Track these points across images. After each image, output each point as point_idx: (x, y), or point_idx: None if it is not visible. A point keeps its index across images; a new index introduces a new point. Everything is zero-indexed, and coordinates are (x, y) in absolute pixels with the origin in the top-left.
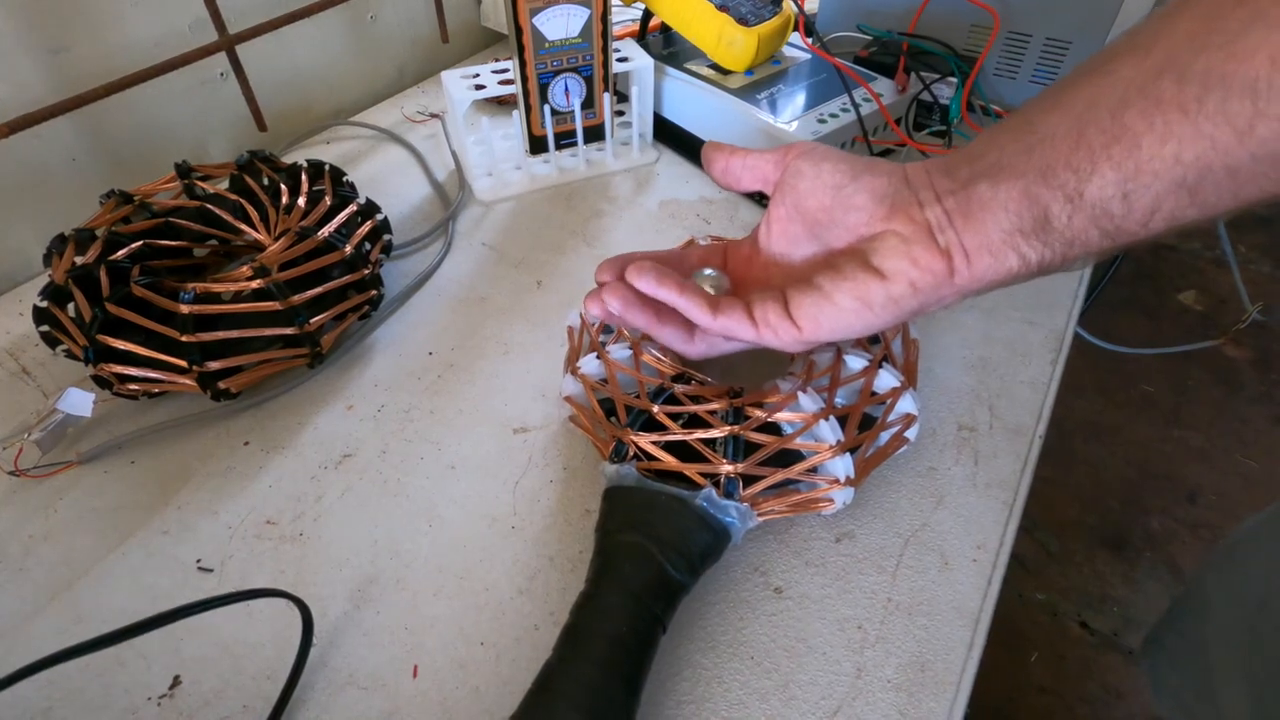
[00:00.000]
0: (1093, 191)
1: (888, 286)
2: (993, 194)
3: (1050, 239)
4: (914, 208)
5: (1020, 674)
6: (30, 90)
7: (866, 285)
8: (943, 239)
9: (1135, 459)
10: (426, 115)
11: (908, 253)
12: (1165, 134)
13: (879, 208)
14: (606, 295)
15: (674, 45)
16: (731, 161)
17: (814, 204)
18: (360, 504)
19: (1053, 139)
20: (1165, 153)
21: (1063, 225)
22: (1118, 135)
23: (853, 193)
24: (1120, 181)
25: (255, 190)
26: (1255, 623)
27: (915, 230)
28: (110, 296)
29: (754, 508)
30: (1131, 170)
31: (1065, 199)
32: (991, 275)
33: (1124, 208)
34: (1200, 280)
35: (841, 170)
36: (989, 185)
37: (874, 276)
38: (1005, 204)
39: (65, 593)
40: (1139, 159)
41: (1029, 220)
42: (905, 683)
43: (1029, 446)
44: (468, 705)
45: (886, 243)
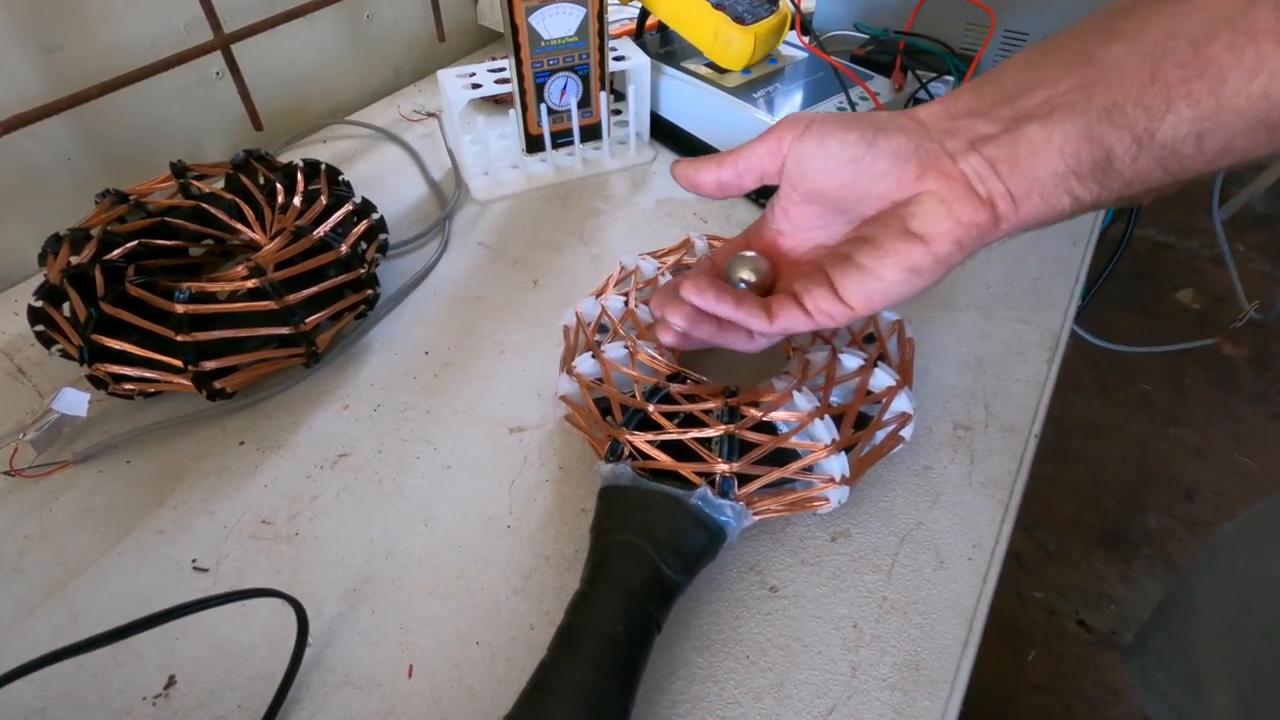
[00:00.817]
0: (1165, 132)
1: (933, 249)
2: (1046, 137)
3: (1109, 180)
4: (944, 160)
5: (1018, 672)
6: (25, 89)
7: (910, 254)
8: (983, 188)
9: (1133, 457)
10: (423, 114)
11: (948, 212)
12: (1256, 67)
13: (906, 170)
14: (670, 316)
15: (671, 44)
16: (722, 174)
17: (832, 184)
18: (356, 504)
19: (1120, 73)
20: (1253, 88)
21: (1125, 166)
22: (1201, 70)
23: (872, 161)
24: (1197, 120)
25: (251, 189)
26: (1238, 621)
27: (951, 186)
28: (105, 296)
29: (749, 507)
30: (1211, 108)
31: (1133, 139)
32: (1041, 217)
33: (1196, 148)
34: (1198, 279)
35: (851, 141)
36: (1041, 128)
37: (916, 243)
38: (1061, 147)
39: (60, 592)
40: (1222, 96)
41: (1088, 162)
42: (900, 682)
43: (1024, 445)
44: (463, 705)
45: (924, 205)
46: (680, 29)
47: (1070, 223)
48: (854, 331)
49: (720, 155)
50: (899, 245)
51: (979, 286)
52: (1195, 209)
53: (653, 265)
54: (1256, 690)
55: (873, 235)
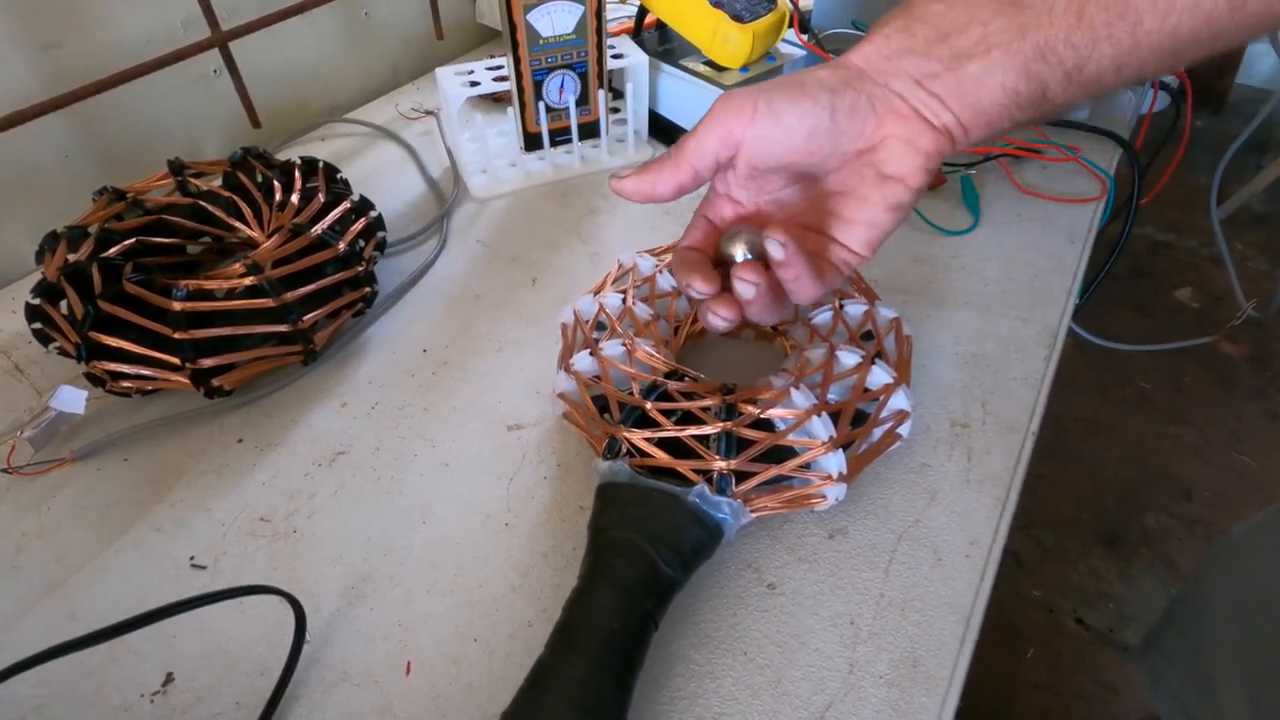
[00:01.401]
0: (1091, 67)
1: (909, 184)
2: (986, 74)
3: (1044, 107)
4: (897, 101)
5: (1016, 670)
6: (22, 87)
7: (894, 194)
8: (938, 120)
9: (1131, 456)
10: (421, 112)
11: (914, 149)
12: (1168, 10)
13: (867, 122)
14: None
15: (669, 42)
16: (680, 178)
17: (797, 155)
18: (354, 501)
19: (1050, 15)
20: (1165, 27)
21: (1057, 95)
22: (1122, 13)
23: (833, 124)
24: (1117, 56)
25: (248, 187)
26: (1254, 623)
27: (910, 125)
28: (103, 294)
29: (746, 504)
30: (1130, 45)
31: (1064, 74)
32: (987, 137)
33: (1115, 77)
34: (1197, 277)
35: (808, 109)
36: (981, 66)
37: (895, 184)
38: (1002, 82)
39: (58, 590)
40: (1139, 34)
41: (1026, 95)
42: (897, 678)
43: (1022, 443)
44: (461, 701)
45: (890, 149)
46: (678, 27)
47: (1068, 221)
48: (851, 329)
49: (670, 158)
50: (880, 191)
51: (977, 284)
52: (1194, 208)
53: (651, 263)
54: (1270, 692)
55: (852, 187)
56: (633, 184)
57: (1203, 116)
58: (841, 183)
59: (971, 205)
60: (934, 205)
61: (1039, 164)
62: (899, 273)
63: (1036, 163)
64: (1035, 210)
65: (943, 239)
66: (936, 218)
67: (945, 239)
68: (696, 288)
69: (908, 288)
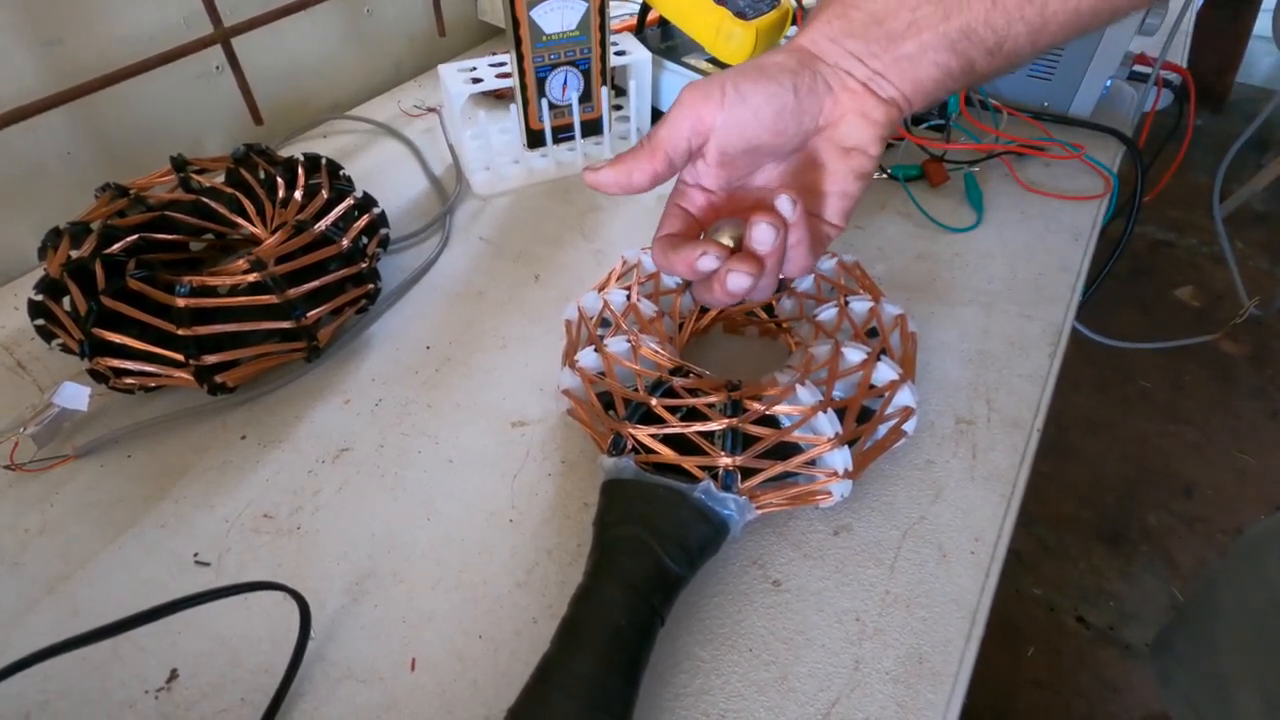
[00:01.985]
0: (1009, 44)
1: (869, 153)
2: (920, 53)
3: (974, 79)
4: (849, 79)
5: (1017, 668)
6: (23, 83)
7: (859, 164)
8: (885, 94)
9: (1132, 454)
10: (423, 109)
11: (869, 122)
12: None
13: (826, 100)
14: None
15: (672, 39)
16: (656, 167)
17: (767, 135)
18: (358, 498)
19: (968, 2)
20: (1068, 6)
21: (982, 68)
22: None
23: (797, 103)
24: (1030, 32)
25: (251, 184)
26: (1268, 624)
27: (862, 100)
28: (106, 290)
29: (752, 500)
30: (1039, 24)
31: (987, 52)
32: (927, 105)
33: (1032, 50)
34: (1197, 276)
35: (774, 92)
36: (914, 46)
37: (857, 155)
38: (934, 60)
39: (61, 586)
40: (1046, 14)
41: (955, 69)
42: (903, 675)
43: (1027, 440)
44: (466, 698)
45: (849, 124)
46: (682, 24)
47: (1072, 218)
48: (856, 325)
49: (644, 147)
50: (846, 163)
51: (981, 281)
52: (1194, 207)
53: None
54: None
55: (820, 164)
56: (610, 175)
57: (1203, 115)
58: (807, 161)
59: (975, 202)
60: (937, 202)
61: (1042, 161)
62: (902, 269)
63: (1039, 160)
64: (1038, 207)
65: (946, 236)
66: (940, 215)
67: (949, 236)
68: (714, 253)
69: (911, 284)
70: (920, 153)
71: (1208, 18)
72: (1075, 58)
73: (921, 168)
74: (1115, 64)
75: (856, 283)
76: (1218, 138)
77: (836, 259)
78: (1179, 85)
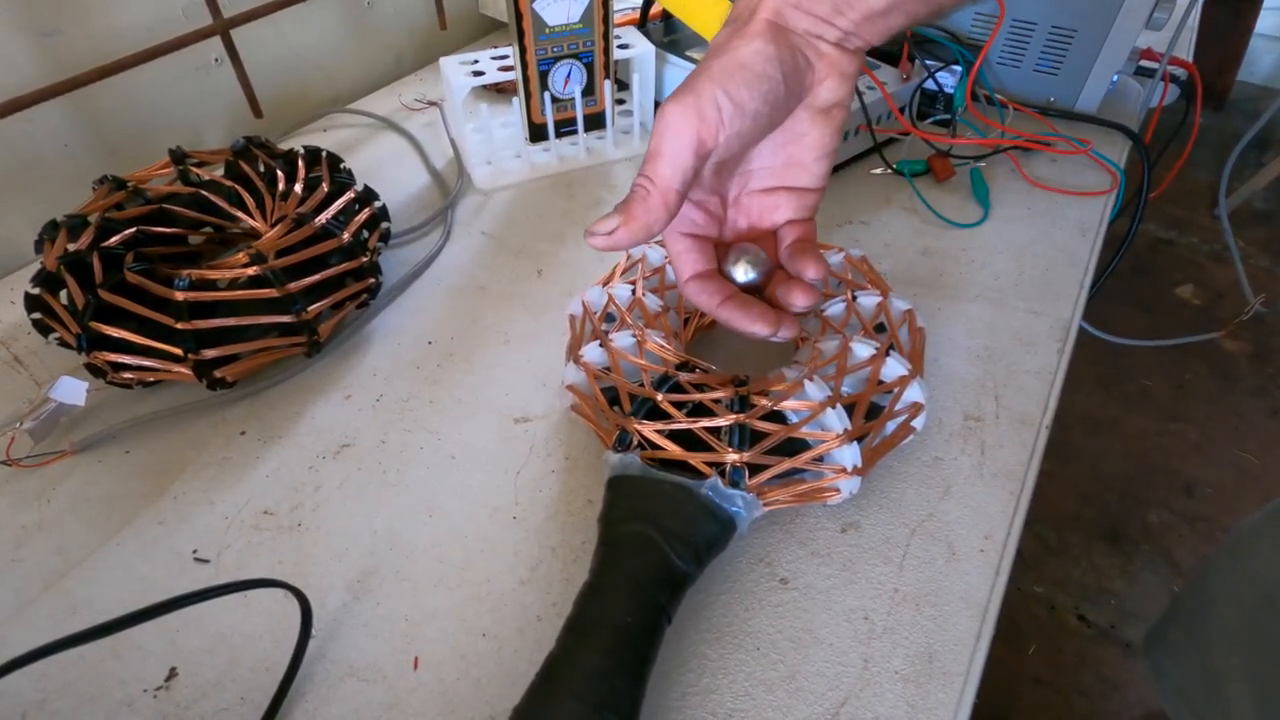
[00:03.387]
0: None
1: (845, 104)
2: (890, 8)
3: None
4: (822, 44)
5: (1018, 666)
6: (20, 74)
7: (838, 118)
8: (853, 45)
9: (1133, 452)
10: (424, 103)
11: (843, 76)
12: None
13: (806, 76)
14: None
15: (675, 32)
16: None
17: (759, 133)
18: (359, 494)
19: None
20: None
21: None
22: None
23: (785, 89)
24: None
25: (251, 177)
26: (1259, 617)
27: (835, 61)
28: (104, 283)
29: (760, 497)
30: None
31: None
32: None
33: None
34: (1198, 274)
35: (765, 90)
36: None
37: (835, 110)
38: (904, 10)
39: (59, 583)
40: None
41: (922, 15)
42: (913, 674)
43: (1035, 437)
44: (470, 697)
45: (827, 87)
46: (685, 17)
47: (1078, 214)
48: (864, 321)
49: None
50: (826, 124)
51: (988, 277)
52: (1195, 205)
53: (660, 254)
54: (1276, 687)
55: (801, 131)
56: (625, 236)
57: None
58: (788, 134)
59: (981, 198)
60: (943, 198)
61: (1048, 157)
62: (908, 265)
63: (1046, 155)
64: (1045, 203)
65: (953, 231)
66: (946, 210)
67: (955, 231)
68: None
69: (918, 280)
70: (926, 148)
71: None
72: (1082, 53)
73: (927, 163)
74: (1122, 59)
75: (864, 277)
76: (1218, 136)
77: (844, 253)
78: (1185, 81)
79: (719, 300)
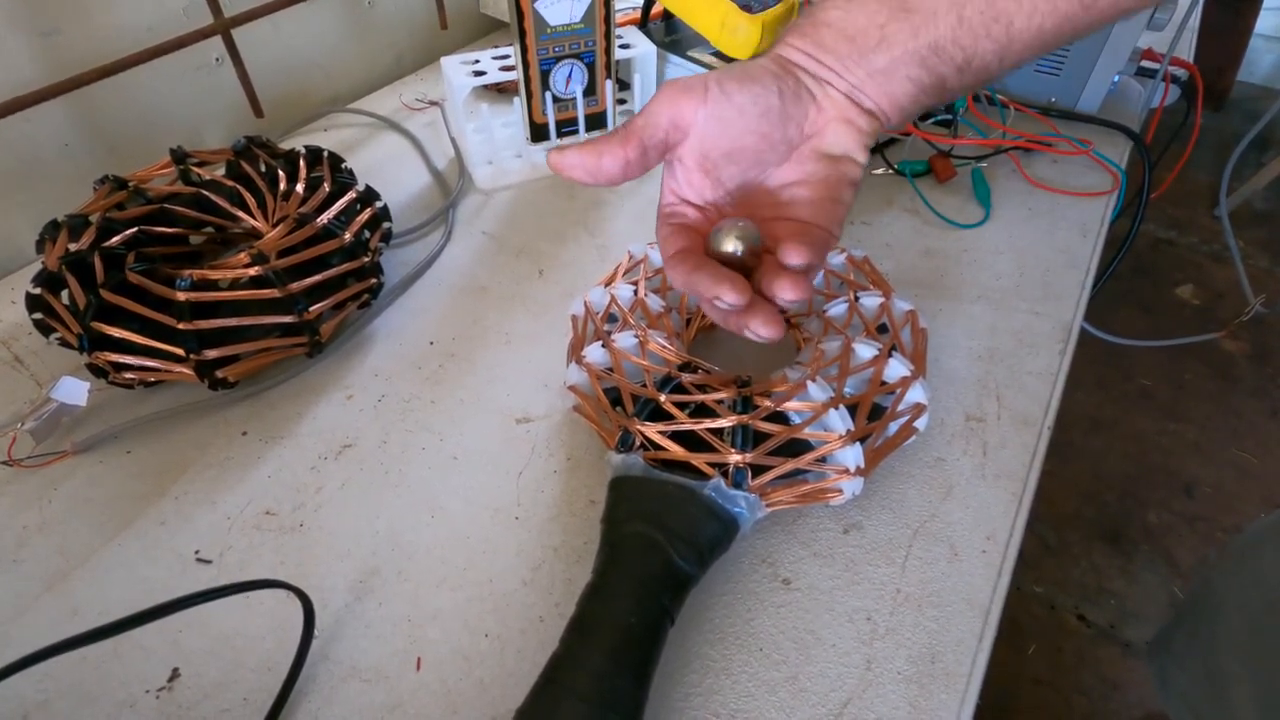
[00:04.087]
0: (977, 62)
1: (858, 159)
2: (892, 68)
3: (947, 94)
4: (830, 89)
5: (1018, 666)
6: (20, 73)
7: (850, 171)
8: (865, 103)
9: (1133, 452)
10: (425, 102)
11: (853, 128)
12: (1032, 12)
13: (810, 108)
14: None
15: (676, 32)
16: (629, 152)
17: (750, 139)
18: (361, 495)
19: (934, 19)
20: (1031, 26)
21: (954, 84)
22: (995, 16)
23: (783, 106)
24: (997, 51)
25: (253, 176)
26: (1265, 624)
27: (845, 108)
28: (105, 283)
29: (762, 498)
30: (1005, 42)
31: (956, 69)
32: (904, 119)
33: (1000, 67)
34: (1198, 274)
35: (759, 92)
36: (886, 61)
37: (846, 162)
38: (907, 75)
39: (61, 584)
40: (1011, 33)
41: (928, 84)
42: (916, 675)
43: (1037, 437)
44: (473, 698)
45: (835, 132)
46: (687, 17)
47: (1079, 215)
48: (867, 321)
49: (618, 133)
50: (837, 170)
51: (989, 278)
52: (1196, 205)
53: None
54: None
55: (807, 174)
56: (576, 157)
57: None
58: (795, 172)
59: (983, 199)
60: (945, 198)
61: (1050, 157)
62: (910, 266)
63: (1047, 156)
64: (1046, 204)
65: (954, 232)
66: (947, 211)
67: (957, 232)
68: (727, 299)
69: (920, 281)
70: (927, 148)
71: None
72: (1084, 53)
73: (929, 163)
74: (1123, 60)
75: (866, 278)
76: (1218, 136)
77: (846, 254)
78: (1186, 81)
79: (689, 267)
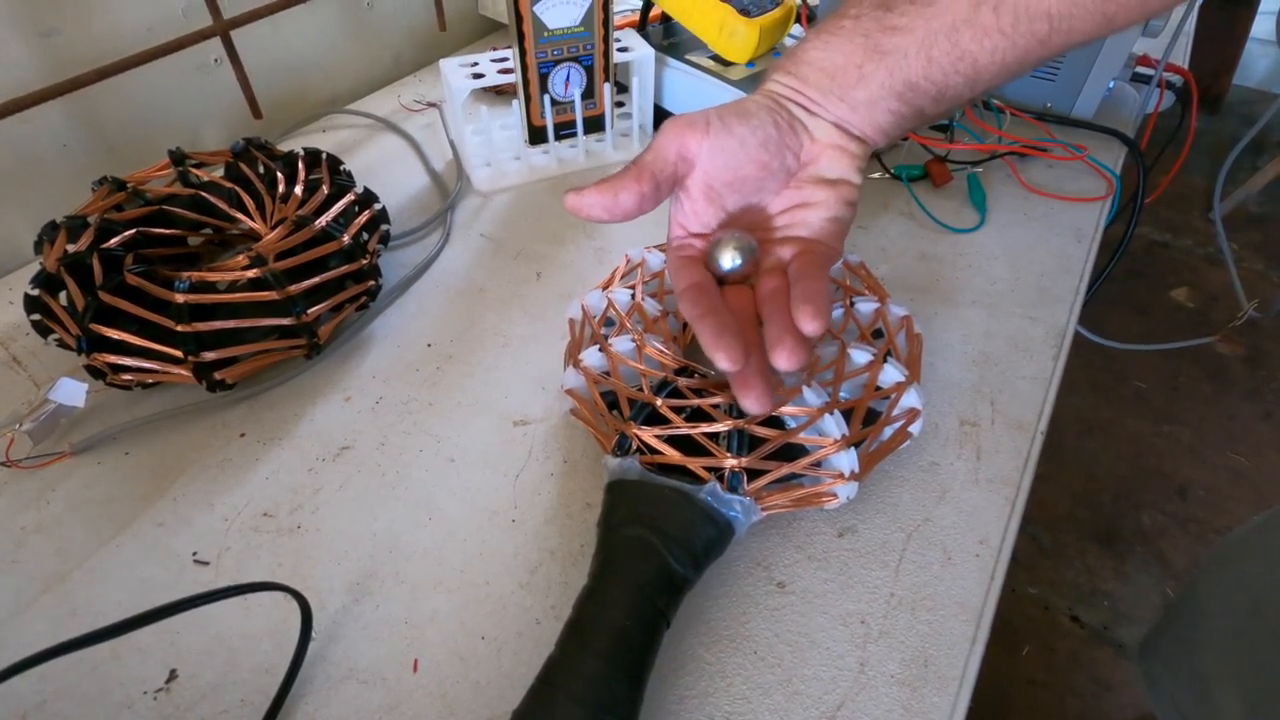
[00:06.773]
0: (950, 93)
1: (853, 182)
2: (873, 101)
3: (926, 120)
4: (819, 121)
5: (1012, 667)
6: (20, 74)
7: (846, 193)
8: (854, 130)
9: (1127, 455)
10: (424, 104)
11: (846, 153)
12: (994, 49)
13: (802, 138)
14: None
15: (675, 36)
16: (643, 188)
17: (753, 168)
18: (358, 496)
19: (905, 59)
20: (995, 60)
21: (931, 112)
22: (960, 55)
23: (780, 137)
24: (967, 82)
25: (251, 178)
26: (1248, 627)
27: (836, 136)
28: (103, 285)
29: (758, 502)
30: (973, 75)
31: (932, 100)
32: (889, 144)
33: (973, 94)
34: (1193, 277)
35: (756, 125)
36: (866, 95)
37: (842, 185)
38: (887, 108)
39: (58, 586)
40: (978, 68)
41: (908, 115)
42: (909, 678)
43: (1030, 442)
44: (469, 699)
45: (829, 158)
46: (685, 21)
47: (1074, 220)
48: (862, 326)
49: (630, 170)
50: (834, 193)
51: (984, 282)
52: (1190, 208)
53: (659, 259)
54: (1266, 696)
55: (805, 198)
56: (594, 196)
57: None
58: (795, 196)
59: (978, 203)
60: (940, 203)
61: (1045, 162)
62: (905, 270)
63: (1042, 161)
64: (1041, 208)
65: (949, 237)
66: (943, 215)
67: (952, 237)
68: (720, 364)
69: (914, 285)
70: (924, 153)
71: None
72: (1079, 59)
73: (925, 168)
74: (1119, 65)
75: (862, 283)
76: (1213, 139)
77: (841, 259)
78: (1181, 87)
79: (700, 312)
